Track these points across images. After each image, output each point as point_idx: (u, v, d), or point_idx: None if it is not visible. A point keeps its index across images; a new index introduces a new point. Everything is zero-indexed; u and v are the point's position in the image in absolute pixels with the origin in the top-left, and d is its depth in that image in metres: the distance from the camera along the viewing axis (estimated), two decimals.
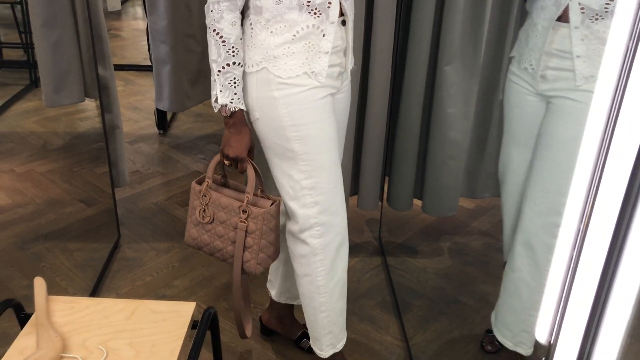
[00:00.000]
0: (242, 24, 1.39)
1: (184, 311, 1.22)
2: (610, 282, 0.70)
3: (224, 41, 1.33)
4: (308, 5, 1.32)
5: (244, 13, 1.41)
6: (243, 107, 1.39)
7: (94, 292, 2.06)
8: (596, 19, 1.33)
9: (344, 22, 1.41)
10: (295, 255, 1.55)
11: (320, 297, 1.56)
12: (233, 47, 1.34)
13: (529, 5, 1.52)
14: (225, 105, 1.37)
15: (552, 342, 0.77)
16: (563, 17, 1.38)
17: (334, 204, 1.48)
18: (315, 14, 1.34)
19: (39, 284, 1.22)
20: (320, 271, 1.52)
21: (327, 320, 1.59)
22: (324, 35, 1.36)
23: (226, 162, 1.45)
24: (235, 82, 1.37)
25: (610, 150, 0.68)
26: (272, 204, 1.44)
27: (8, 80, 4.03)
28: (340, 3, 1.36)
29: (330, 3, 1.34)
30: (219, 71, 1.35)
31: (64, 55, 2.65)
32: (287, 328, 1.87)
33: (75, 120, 3.45)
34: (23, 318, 1.18)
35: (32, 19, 2.55)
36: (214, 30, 1.33)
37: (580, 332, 0.74)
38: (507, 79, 1.62)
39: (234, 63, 1.35)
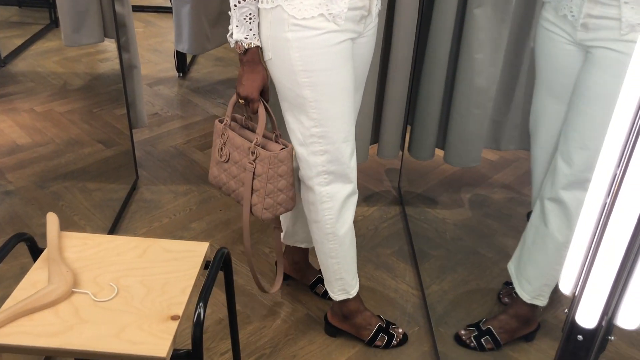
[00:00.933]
0: None
1: (197, 251, 1.20)
2: None
3: None
4: None
5: None
6: (259, 43, 1.34)
7: (111, 232, 2.07)
8: None
9: None
10: (305, 201, 1.53)
11: (330, 243, 1.54)
12: None
13: None
14: (240, 41, 1.33)
15: (576, 293, 0.73)
16: None
17: (344, 155, 1.43)
18: None
19: (52, 220, 1.22)
20: (328, 219, 1.50)
21: (337, 267, 1.58)
22: None
23: (240, 101, 1.41)
24: (251, 18, 1.31)
25: None
26: (282, 149, 1.40)
27: (28, 19, 3.98)
28: None
29: None
30: (235, 5, 1.30)
31: None
32: (301, 273, 1.87)
33: (95, 61, 3.42)
34: (36, 252, 1.18)
35: None
36: None
37: (608, 285, 0.70)
38: (539, 26, 1.52)
39: None
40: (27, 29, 3.76)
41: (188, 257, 1.19)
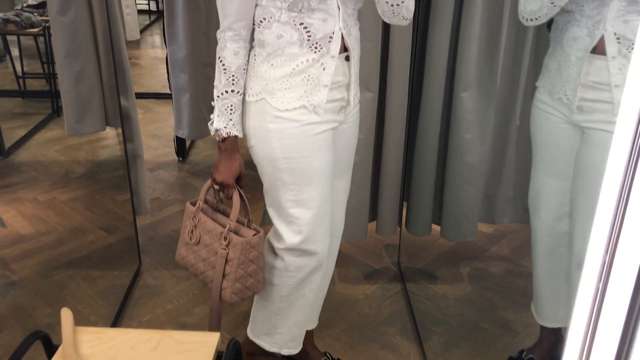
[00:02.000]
0: (248, 54, 1.42)
1: (209, 342, 1.23)
2: None
3: (225, 69, 1.37)
4: (309, 40, 1.34)
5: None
6: (237, 134, 1.42)
7: (116, 320, 2.08)
8: (632, 48, 1.33)
9: (347, 58, 1.42)
10: (268, 263, 1.59)
11: (280, 303, 1.60)
12: (233, 76, 1.37)
13: (557, 35, 1.52)
14: (219, 130, 1.40)
15: None
16: (598, 49, 1.38)
17: (317, 234, 1.51)
18: (316, 48, 1.35)
19: (66, 315, 1.25)
20: (288, 284, 1.56)
21: (280, 322, 1.63)
22: (324, 69, 1.37)
23: (215, 187, 1.48)
24: (231, 109, 1.40)
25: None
26: (254, 234, 1.45)
27: (31, 109, 4.12)
28: (342, 37, 1.37)
29: (331, 37, 1.36)
30: (218, 96, 1.39)
31: (86, 85, 2.72)
32: (306, 356, 1.87)
33: (97, 149, 3.52)
34: (50, 349, 1.20)
35: (56, 51, 2.63)
36: (219, 57, 1.38)
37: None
38: (534, 107, 1.62)
39: (232, 91, 1.38)
40: (30, 119, 3.88)
41: (200, 348, 1.21)
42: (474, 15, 2.00)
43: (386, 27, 2.09)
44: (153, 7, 7.50)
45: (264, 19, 1.35)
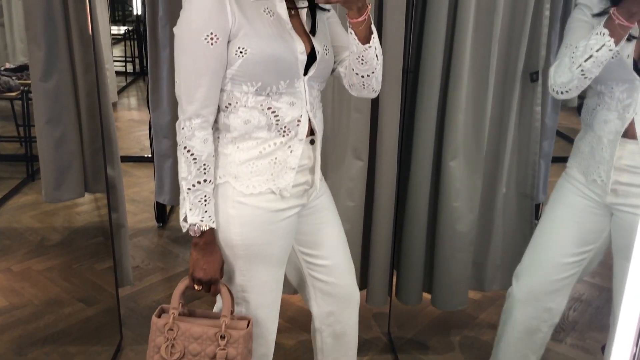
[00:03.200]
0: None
1: None
2: None
3: (195, 159, 1.28)
4: (277, 124, 1.31)
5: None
6: (214, 225, 1.33)
7: None
8: None
9: (312, 142, 1.40)
10: None
11: None
12: (204, 165, 1.29)
13: (587, 118, 1.55)
14: (195, 225, 1.30)
15: None
16: (629, 133, 1.42)
17: (264, 320, 1.46)
18: (284, 131, 1.33)
19: None
20: None
21: None
22: (291, 152, 1.34)
23: (197, 287, 1.37)
24: (205, 200, 1.30)
25: None
26: (248, 324, 1.37)
27: (5, 174, 4.03)
28: (309, 120, 1.36)
29: (299, 121, 1.33)
30: (189, 189, 1.30)
31: (66, 151, 2.67)
32: None
33: (73, 214, 3.43)
34: None
35: (37, 117, 2.59)
36: (185, 147, 1.28)
37: None
38: (565, 184, 1.63)
39: (204, 180, 1.30)
40: (4, 184, 3.78)
41: None
42: (460, 87, 2.06)
43: (375, 98, 2.12)
44: (130, 68, 7.54)
45: (230, 104, 1.31)
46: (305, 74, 1.34)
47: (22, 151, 4.16)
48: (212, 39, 1.24)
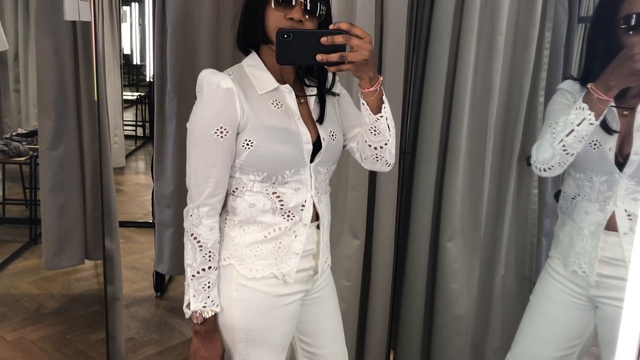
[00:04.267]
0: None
1: None
2: None
3: (200, 246, 1.30)
4: (281, 209, 1.32)
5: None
6: (217, 309, 1.33)
7: None
8: None
9: (318, 227, 1.39)
10: None
11: None
12: (210, 252, 1.31)
13: (567, 207, 1.53)
14: (197, 312, 1.31)
15: None
16: (610, 225, 1.41)
17: None
18: (288, 216, 1.33)
19: None
20: None
21: None
22: (296, 237, 1.34)
23: None
24: (209, 286, 1.31)
25: None
26: None
27: (8, 236, 4.04)
28: (314, 205, 1.35)
29: (303, 206, 1.33)
30: (193, 276, 1.30)
31: (68, 218, 2.70)
32: None
33: (72, 281, 3.41)
34: None
35: (42, 183, 2.63)
36: (192, 234, 1.31)
37: None
38: (547, 276, 1.60)
39: (209, 267, 1.31)
40: (6, 247, 3.79)
41: None
42: (457, 168, 2.08)
43: (372, 176, 2.15)
44: (140, 132, 7.69)
45: (237, 188, 1.33)
46: (312, 160, 1.35)
47: (27, 214, 4.19)
48: (221, 132, 1.27)
